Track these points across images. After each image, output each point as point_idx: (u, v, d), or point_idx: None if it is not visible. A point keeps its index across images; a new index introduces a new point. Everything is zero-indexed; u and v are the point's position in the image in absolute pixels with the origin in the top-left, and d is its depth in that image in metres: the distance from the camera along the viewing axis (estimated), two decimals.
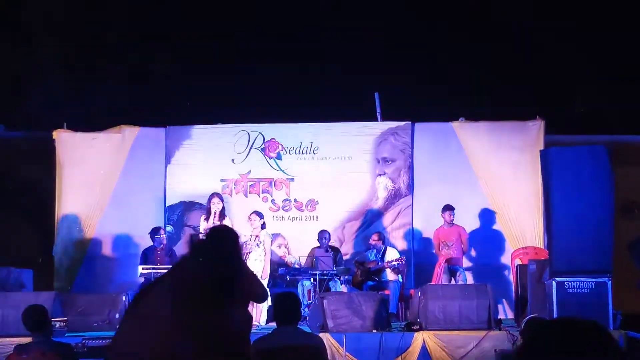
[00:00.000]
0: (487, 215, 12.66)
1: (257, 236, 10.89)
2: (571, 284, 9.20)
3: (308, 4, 14.02)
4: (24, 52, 13.86)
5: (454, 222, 11.97)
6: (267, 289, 5.44)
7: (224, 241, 4.91)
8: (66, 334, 9.28)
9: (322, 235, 12.00)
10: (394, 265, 11.58)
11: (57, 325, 9.23)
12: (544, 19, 13.47)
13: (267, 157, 13.06)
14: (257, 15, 14.03)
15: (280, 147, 13.08)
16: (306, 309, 10.55)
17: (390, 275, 11.74)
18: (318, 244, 11.97)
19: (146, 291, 4.79)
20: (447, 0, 13.95)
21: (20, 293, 10.51)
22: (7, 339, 8.91)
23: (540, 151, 10.81)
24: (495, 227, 12.65)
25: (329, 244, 12.05)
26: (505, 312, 11.77)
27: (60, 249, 12.69)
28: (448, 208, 11.97)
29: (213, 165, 13.06)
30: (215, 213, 11.15)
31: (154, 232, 11.80)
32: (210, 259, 4.80)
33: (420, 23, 13.73)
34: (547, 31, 13.52)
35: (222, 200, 11.44)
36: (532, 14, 13.54)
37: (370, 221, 12.89)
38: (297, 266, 12.05)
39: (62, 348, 6.56)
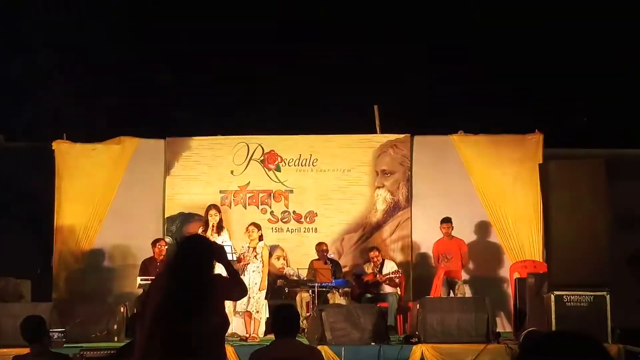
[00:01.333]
0: (485, 228, 12.67)
1: (254, 248, 10.88)
2: (570, 298, 9.21)
3: (308, 16, 14.05)
4: (24, 62, 13.88)
5: (453, 235, 11.98)
6: (247, 287, 5.45)
7: (191, 249, 4.98)
8: (64, 345, 9.28)
9: (320, 247, 12.01)
10: (392, 277, 11.59)
11: (56, 336, 9.22)
12: (543, 32, 13.51)
13: (266, 169, 13.08)
14: (256, 28, 14.06)
15: (279, 159, 13.10)
16: (304, 321, 10.54)
17: (388, 287, 11.75)
18: (317, 256, 11.98)
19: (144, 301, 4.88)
20: (445, 14, 13.98)
21: (18, 303, 10.50)
22: (5, 350, 8.90)
23: (539, 165, 10.84)
24: (493, 240, 12.65)
25: (328, 256, 12.06)
26: (503, 325, 11.75)
27: (59, 260, 12.68)
28: (445, 220, 11.99)
29: (212, 176, 13.08)
30: (212, 225, 11.16)
31: (154, 243, 11.87)
32: (179, 267, 4.88)
33: (419, 36, 13.76)
34: (547, 44, 13.56)
35: (220, 212, 11.45)
36: (531, 28, 13.58)
37: (368, 233, 12.89)
38: (295, 278, 12.04)
39: (60, 359, 6.55)
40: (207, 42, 14.03)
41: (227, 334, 9.55)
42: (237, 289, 5.22)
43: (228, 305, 9.29)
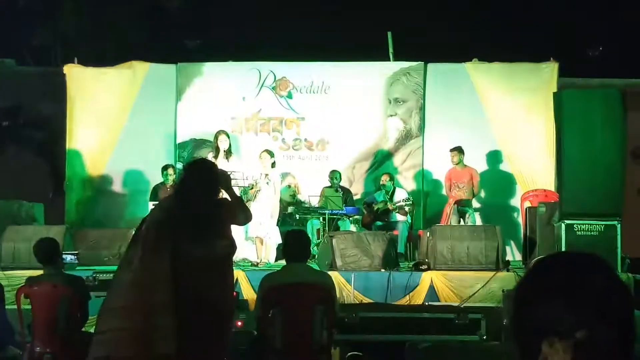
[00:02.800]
0: (497, 157, 12.63)
1: (267, 175, 10.87)
2: (580, 227, 9.20)
3: None
4: None
5: (465, 164, 11.89)
6: (251, 212, 5.49)
7: (198, 173, 5.00)
8: (77, 268, 9.38)
9: (333, 175, 12.00)
10: (403, 205, 11.60)
11: (69, 259, 9.32)
12: None
13: (277, 96, 13.00)
14: None
15: (291, 85, 13.00)
16: (315, 248, 10.61)
17: (399, 215, 11.77)
18: (329, 184, 11.98)
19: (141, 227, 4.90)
20: None
21: (31, 226, 10.57)
22: (19, 272, 9.01)
23: (554, 93, 10.75)
24: (505, 169, 12.62)
25: (340, 184, 12.06)
26: (513, 253, 11.80)
27: (71, 184, 12.74)
28: (452, 149, 11.87)
29: (223, 103, 13.00)
30: (223, 150, 11.08)
31: (163, 169, 11.86)
32: (186, 190, 4.91)
33: None
34: None
35: (229, 137, 11.34)
36: None
37: (380, 162, 12.88)
38: (306, 205, 12.07)
39: (74, 280, 6.63)
40: None
41: (238, 259, 9.66)
42: (242, 214, 5.25)
43: (239, 230, 9.32)
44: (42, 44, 13.68)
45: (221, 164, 10.32)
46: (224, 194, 5.21)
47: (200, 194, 4.92)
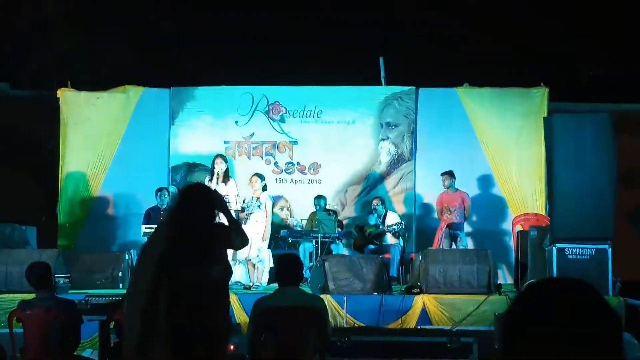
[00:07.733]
0: (489, 181, 12.69)
1: (258, 198, 10.91)
2: (571, 251, 9.24)
3: None
4: (29, 10, 13.80)
5: (457, 187, 11.97)
6: (247, 236, 5.49)
7: (193, 198, 5.01)
8: (69, 291, 9.36)
9: (318, 201, 12.00)
10: (395, 229, 11.64)
11: (61, 282, 9.32)
12: None
13: (270, 120, 13.06)
14: None
15: (284, 110, 13.07)
16: (307, 271, 10.62)
17: (391, 239, 11.80)
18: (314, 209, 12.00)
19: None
20: None
21: (24, 250, 10.56)
22: (11, 295, 9.00)
23: (544, 118, 10.83)
24: (497, 193, 12.68)
25: (326, 207, 12.08)
26: (505, 277, 11.83)
27: (64, 208, 12.75)
28: (443, 173, 11.95)
29: (216, 126, 13.06)
30: (217, 174, 11.12)
31: (157, 192, 11.88)
32: (181, 216, 4.92)
33: None
34: None
35: (226, 162, 11.37)
36: None
37: (372, 185, 12.93)
38: (299, 229, 12.10)
39: (66, 304, 6.62)
40: None
41: (230, 283, 9.65)
42: (239, 238, 5.25)
43: (230, 253, 9.33)
44: (36, 67, 13.71)
45: (216, 188, 10.35)
46: (220, 217, 5.24)
47: (196, 218, 4.93)
